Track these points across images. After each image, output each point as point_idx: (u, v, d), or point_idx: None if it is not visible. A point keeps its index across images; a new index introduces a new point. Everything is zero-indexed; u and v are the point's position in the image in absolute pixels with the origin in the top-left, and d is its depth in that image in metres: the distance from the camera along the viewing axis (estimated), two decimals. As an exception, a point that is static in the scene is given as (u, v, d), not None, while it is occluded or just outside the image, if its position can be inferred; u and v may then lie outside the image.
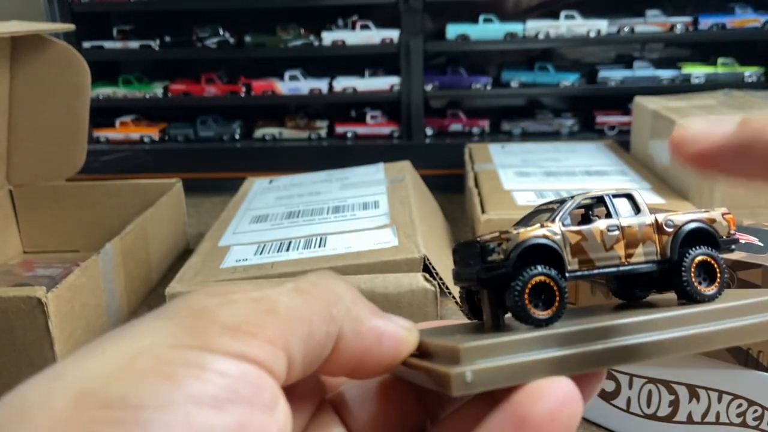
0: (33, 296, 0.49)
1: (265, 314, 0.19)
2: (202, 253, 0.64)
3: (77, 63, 0.78)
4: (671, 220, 0.25)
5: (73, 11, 1.13)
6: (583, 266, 0.24)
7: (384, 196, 0.73)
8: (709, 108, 0.84)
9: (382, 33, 1.14)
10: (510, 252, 0.23)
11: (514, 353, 0.20)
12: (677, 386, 0.43)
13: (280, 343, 0.19)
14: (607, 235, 0.24)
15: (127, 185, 0.83)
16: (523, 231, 0.23)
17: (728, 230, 0.26)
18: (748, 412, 0.41)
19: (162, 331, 0.18)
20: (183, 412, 0.16)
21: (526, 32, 1.13)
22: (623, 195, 0.26)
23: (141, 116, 1.24)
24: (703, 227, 0.26)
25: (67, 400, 0.16)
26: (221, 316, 0.18)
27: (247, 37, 1.19)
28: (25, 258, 0.83)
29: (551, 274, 0.23)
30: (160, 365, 0.17)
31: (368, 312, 0.21)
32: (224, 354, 0.18)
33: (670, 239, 0.25)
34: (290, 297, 0.20)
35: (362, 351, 0.21)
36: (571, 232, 0.24)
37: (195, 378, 0.17)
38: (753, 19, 1.11)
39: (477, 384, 0.19)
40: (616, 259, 0.24)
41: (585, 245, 0.24)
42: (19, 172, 0.82)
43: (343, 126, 1.20)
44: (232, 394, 0.17)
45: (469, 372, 0.19)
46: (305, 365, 0.20)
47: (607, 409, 0.46)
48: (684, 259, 0.25)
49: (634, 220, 0.25)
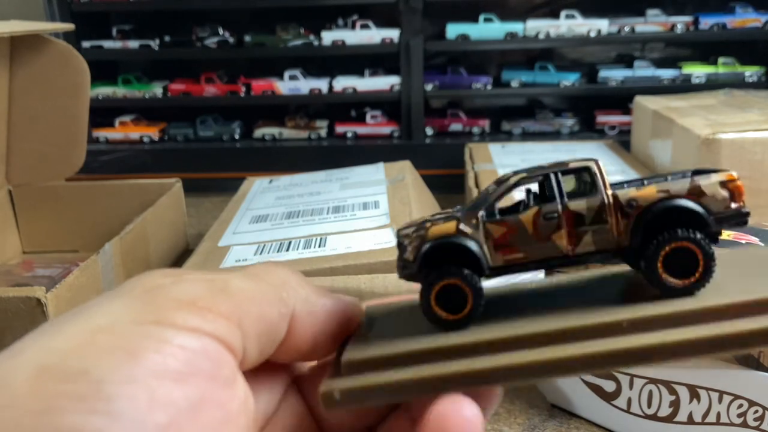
0: (32, 296, 0.49)
1: (218, 292, 0.19)
2: (201, 253, 0.64)
3: (77, 63, 0.77)
4: (634, 201, 0.21)
5: (72, 11, 1.13)
6: (509, 261, 0.21)
7: (384, 196, 0.73)
8: (710, 108, 0.84)
9: (382, 33, 1.13)
10: (416, 253, 0.21)
11: (394, 369, 0.19)
12: (678, 386, 0.43)
13: (234, 320, 0.19)
14: (542, 223, 0.21)
15: (127, 185, 0.83)
16: (433, 228, 0.21)
17: (728, 202, 0.21)
18: (749, 413, 0.41)
19: (120, 309, 0.18)
20: (145, 385, 0.16)
21: (526, 32, 1.13)
22: (578, 170, 0.21)
23: (140, 116, 1.24)
24: (680, 206, 0.20)
25: (26, 375, 0.16)
26: (176, 292, 0.19)
27: (247, 37, 1.18)
28: (25, 258, 0.83)
29: (461, 275, 0.20)
30: (121, 340, 0.17)
31: (316, 293, 0.22)
32: (183, 329, 0.18)
33: (631, 224, 0.21)
34: (240, 280, 0.20)
35: (316, 329, 0.21)
36: (495, 223, 0.21)
37: (156, 352, 0.17)
38: (754, 19, 1.11)
39: (346, 402, 0.19)
40: (555, 250, 0.21)
41: (512, 238, 0.21)
42: (18, 172, 0.82)
43: (343, 126, 1.20)
44: (193, 368, 0.17)
45: (338, 392, 0.19)
46: (260, 347, 0.20)
47: (608, 409, 0.46)
48: (646, 247, 0.20)
49: (583, 202, 0.21)
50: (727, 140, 0.67)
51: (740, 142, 0.67)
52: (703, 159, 0.68)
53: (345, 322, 0.22)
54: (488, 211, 0.21)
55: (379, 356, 0.20)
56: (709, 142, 0.68)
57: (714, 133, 0.68)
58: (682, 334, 0.18)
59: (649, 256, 0.20)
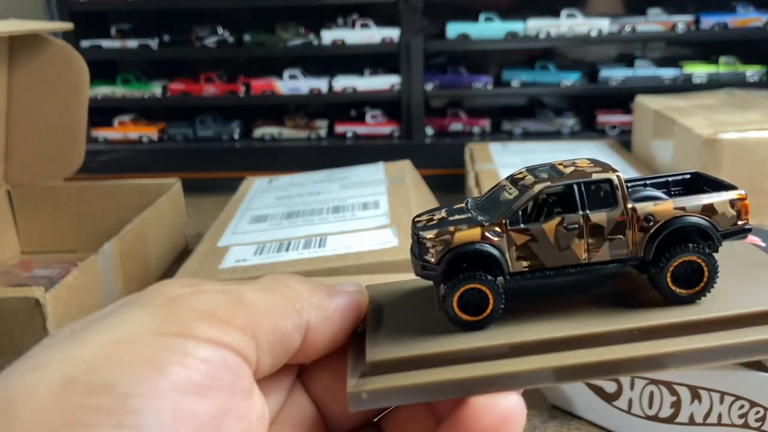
0: (31, 297, 0.49)
1: (235, 304, 0.19)
2: (201, 254, 0.64)
3: (75, 62, 0.77)
4: (652, 216, 0.22)
5: (71, 10, 1.13)
6: (529, 269, 0.22)
7: (384, 196, 0.73)
8: (711, 107, 0.83)
9: (382, 32, 1.13)
10: (441, 257, 0.21)
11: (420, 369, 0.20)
12: (679, 387, 0.42)
13: (249, 332, 0.19)
14: (563, 233, 0.21)
15: (126, 185, 0.82)
16: (459, 234, 0.21)
17: (735, 220, 0.22)
18: (750, 414, 0.40)
19: (141, 318, 0.18)
20: (170, 399, 0.16)
21: (526, 31, 1.13)
22: (599, 181, 0.22)
23: (140, 116, 1.24)
24: (694, 223, 0.22)
25: (52, 389, 0.16)
26: (197, 303, 0.19)
27: (247, 36, 1.18)
28: (24, 258, 0.83)
29: (484, 281, 0.21)
30: (144, 352, 0.17)
31: (326, 296, 0.22)
32: (204, 341, 0.18)
33: (647, 238, 0.22)
34: (255, 292, 0.20)
35: (334, 332, 0.22)
36: (518, 231, 0.21)
37: (179, 365, 0.17)
38: (755, 18, 1.10)
39: (373, 402, 0.20)
40: (573, 259, 0.22)
41: (534, 246, 0.21)
42: (17, 172, 0.82)
43: (343, 125, 1.19)
44: (215, 381, 0.18)
45: (365, 393, 0.19)
46: (273, 358, 0.20)
47: (609, 410, 0.46)
48: (659, 259, 0.21)
49: (603, 214, 0.22)
50: (728, 140, 0.67)
51: (741, 142, 0.67)
52: (705, 159, 0.68)
53: (357, 315, 0.23)
54: (512, 220, 0.22)
55: (404, 357, 0.20)
56: (710, 142, 0.67)
57: (715, 132, 0.68)
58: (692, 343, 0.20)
59: (660, 267, 0.21)
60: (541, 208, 0.22)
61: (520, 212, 0.22)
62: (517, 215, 0.22)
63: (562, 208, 0.22)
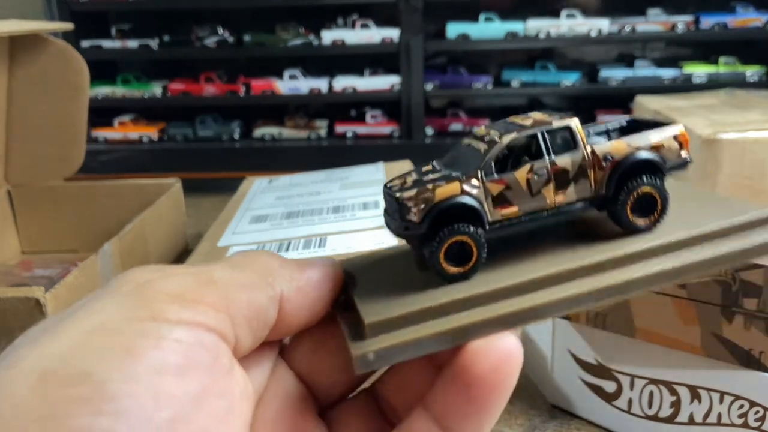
0: (31, 297, 0.49)
1: (205, 284, 0.19)
2: (201, 254, 0.64)
3: (76, 62, 0.77)
4: (610, 155, 0.23)
5: (71, 10, 1.13)
6: (505, 217, 0.23)
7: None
8: (711, 107, 0.83)
9: (382, 32, 1.13)
10: (425, 215, 0.22)
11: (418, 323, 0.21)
12: (679, 387, 0.42)
13: (223, 309, 0.19)
14: (534, 179, 0.23)
15: (126, 185, 0.82)
16: (439, 190, 0.22)
17: (678, 153, 0.24)
18: (750, 413, 0.40)
19: (112, 307, 0.18)
20: (148, 382, 0.16)
21: (526, 31, 1.13)
22: (560, 128, 0.23)
23: (140, 116, 1.24)
24: (646, 159, 0.23)
25: (30, 383, 0.16)
26: (166, 286, 0.19)
27: (247, 37, 1.18)
28: (24, 258, 0.83)
29: (468, 232, 0.22)
30: (118, 339, 0.17)
31: (299, 268, 0.22)
32: (177, 322, 0.18)
33: (607, 176, 0.23)
34: (224, 270, 0.20)
35: (309, 303, 0.22)
36: (493, 182, 0.23)
37: (155, 348, 0.17)
38: (755, 18, 1.10)
39: (380, 361, 0.20)
40: (544, 204, 0.23)
41: (508, 194, 0.23)
42: (17, 172, 0.82)
43: (343, 126, 1.19)
44: (192, 361, 0.18)
45: (372, 353, 0.20)
46: (252, 333, 0.20)
47: (609, 410, 0.46)
48: (619, 194, 0.23)
49: (567, 157, 0.23)
50: (728, 140, 0.67)
51: (741, 142, 0.67)
52: (704, 159, 0.68)
53: (332, 286, 0.23)
54: (487, 171, 0.23)
55: (402, 315, 0.21)
56: (710, 142, 0.67)
57: (715, 132, 0.68)
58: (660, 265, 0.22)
59: (621, 201, 0.23)
60: (508, 159, 0.23)
61: (493, 163, 0.23)
62: (490, 166, 0.23)
63: (528, 157, 0.23)
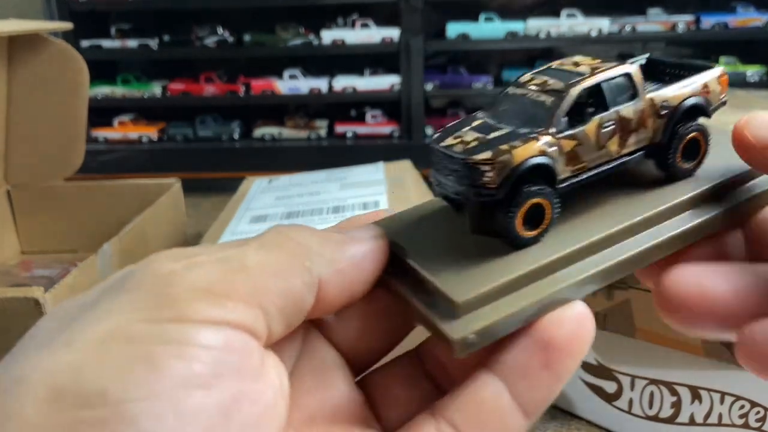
0: (31, 297, 0.49)
1: (235, 273, 0.17)
2: (200, 254, 0.64)
3: (75, 62, 0.77)
4: (667, 102, 0.23)
5: (71, 10, 1.13)
6: (574, 173, 0.22)
7: (384, 196, 0.73)
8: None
9: (382, 32, 1.13)
10: (504, 178, 0.20)
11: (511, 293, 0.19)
12: (679, 387, 0.42)
13: (255, 301, 0.17)
14: (601, 132, 0.22)
15: (126, 185, 0.82)
16: (516, 151, 0.20)
17: (719, 95, 0.24)
18: (751, 414, 0.40)
19: (130, 306, 0.16)
20: (171, 398, 0.15)
21: (527, 31, 1.13)
22: (620, 76, 0.22)
23: (139, 116, 1.24)
24: (697, 103, 0.24)
25: (39, 403, 0.14)
26: (190, 279, 0.17)
27: (247, 36, 1.18)
28: (23, 258, 0.83)
29: (546, 193, 0.21)
30: (138, 348, 0.15)
31: (338, 247, 0.20)
32: (203, 322, 0.16)
33: (664, 123, 0.23)
34: (258, 254, 0.18)
35: (350, 284, 0.20)
36: (566, 138, 0.21)
37: (178, 357, 0.15)
38: (755, 18, 1.10)
39: (482, 341, 0.19)
40: (607, 155, 0.22)
41: (579, 150, 0.21)
42: (16, 172, 0.82)
43: (343, 125, 1.19)
44: (220, 368, 0.16)
45: (473, 335, 0.18)
46: (285, 320, 0.18)
47: (609, 410, 0.46)
48: (672, 140, 0.23)
49: (630, 107, 0.22)
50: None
51: (742, 141, 0.67)
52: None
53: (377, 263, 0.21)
54: (559, 127, 0.21)
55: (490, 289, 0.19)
56: (710, 142, 0.67)
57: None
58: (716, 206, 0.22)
59: (674, 147, 0.23)
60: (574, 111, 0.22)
61: (565, 118, 0.21)
62: (562, 122, 0.21)
63: (592, 107, 0.22)
